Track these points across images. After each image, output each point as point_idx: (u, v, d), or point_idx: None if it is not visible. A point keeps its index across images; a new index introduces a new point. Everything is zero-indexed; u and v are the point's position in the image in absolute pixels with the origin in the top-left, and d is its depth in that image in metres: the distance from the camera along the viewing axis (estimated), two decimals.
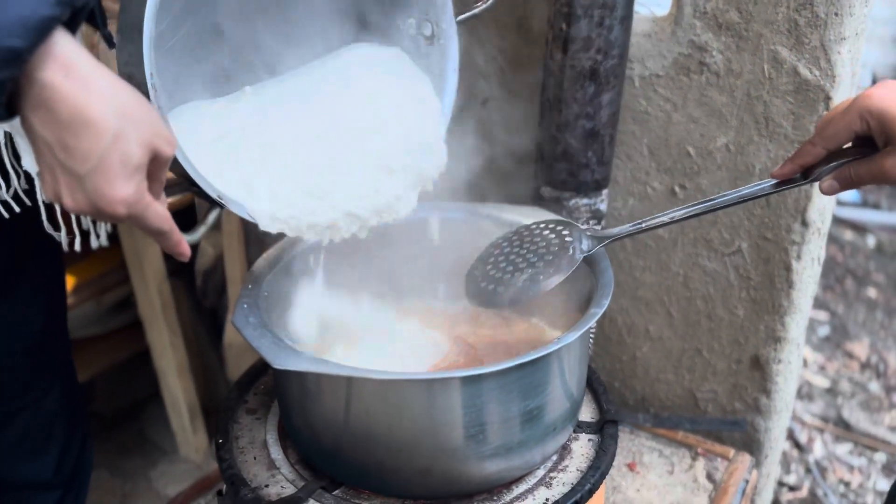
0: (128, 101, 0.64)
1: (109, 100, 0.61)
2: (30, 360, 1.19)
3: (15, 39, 0.54)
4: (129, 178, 0.64)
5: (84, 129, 0.61)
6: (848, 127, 0.79)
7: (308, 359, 0.81)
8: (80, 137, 0.61)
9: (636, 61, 1.27)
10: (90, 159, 0.62)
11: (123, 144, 0.63)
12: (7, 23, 0.54)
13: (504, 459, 0.89)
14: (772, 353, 1.34)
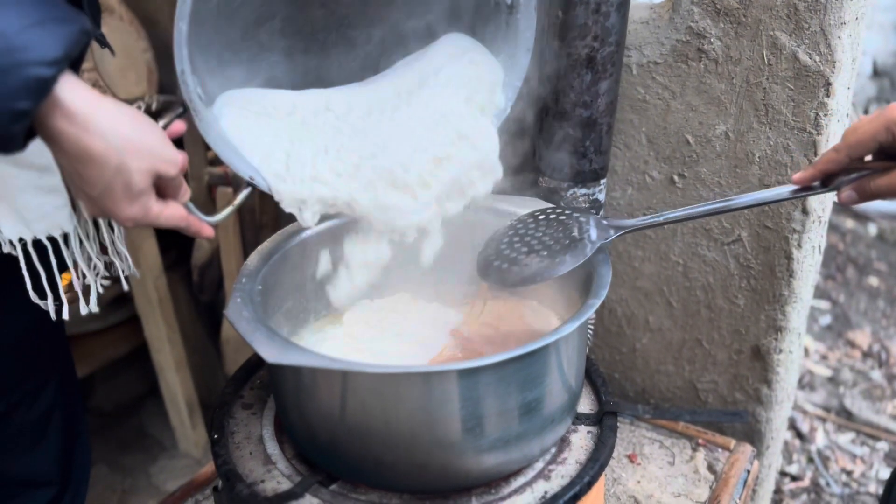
0: (129, 135, 0.72)
1: (110, 137, 0.70)
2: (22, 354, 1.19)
3: (22, 102, 0.64)
4: (132, 202, 0.76)
5: (90, 163, 0.71)
6: (873, 137, 0.79)
7: (302, 353, 0.80)
8: (87, 168, 0.71)
9: (634, 49, 1.25)
10: (98, 186, 0.73)
11: (125, 175, 0.73)
12: (14, 88, 0.64)
13: (502, 452, 0.88)
14: (772, 343, 1.32)
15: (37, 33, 0.65)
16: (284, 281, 1.07)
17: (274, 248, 1.05)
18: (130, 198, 0.75)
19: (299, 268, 1.10)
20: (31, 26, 0.65)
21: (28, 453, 1.29)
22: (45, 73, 0.65)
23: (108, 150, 0.71)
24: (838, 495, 2.05)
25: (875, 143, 0.79)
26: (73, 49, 0.68)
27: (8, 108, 0.64)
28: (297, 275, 1.10)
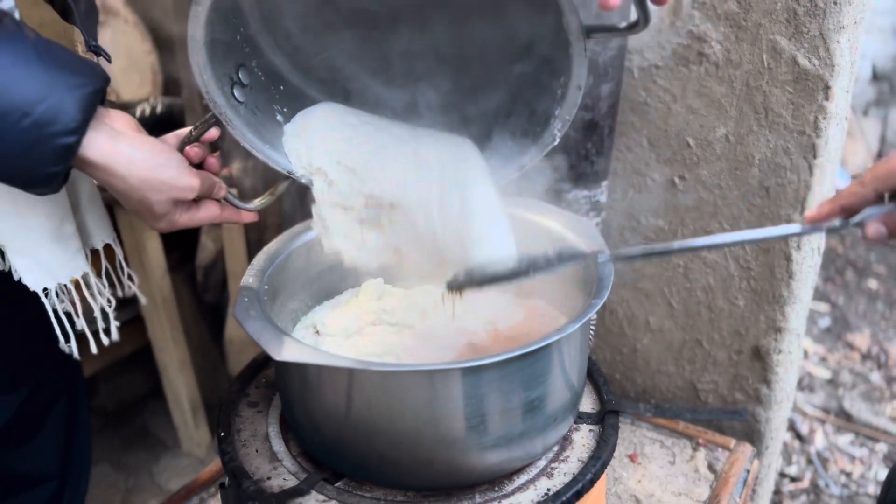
0: (145, 175, 0.83)
1: (129, 179, 0.82)
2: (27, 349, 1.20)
3: (54, 167, 0.76)
4: (157, 220, 0.89)
5: (118, 195, 0.85)
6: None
7: (309, 350, 0.81)
8: (118, 196, 0.85)
9: (635, 52, 1.27)
10: (129, 208, 0.88)
11: (146, 205, 0.86)
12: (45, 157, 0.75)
13: (505, 450, 0.89)
14: (772, 344, 1.34)
15: (58, 106, 0.73)
16: (290, 280, 1.08)
17: (280, 248, 1.07)
18: (156, 218, 0.88)
19: (305, 268, 1.11)
20: (53, 100, 0.73)
21: (30, 447, 1.30)
22: (70, 141, 0.75)
23: (129, 190, 0.83)
24: (837, 496, 2.06)
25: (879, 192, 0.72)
26: (91, 111, 0.76)
27: (43, 172, 0.76)
28: (302, 274, 1.11)
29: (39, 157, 0.74)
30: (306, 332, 1.08)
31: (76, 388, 1.37)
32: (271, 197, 1.04)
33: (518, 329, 1.08)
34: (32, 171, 0.75)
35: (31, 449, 1.30)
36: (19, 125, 0.72)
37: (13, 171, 0.76)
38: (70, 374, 1.34)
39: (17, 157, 0.74)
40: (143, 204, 0.85)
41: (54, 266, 0.99)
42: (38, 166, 0.75)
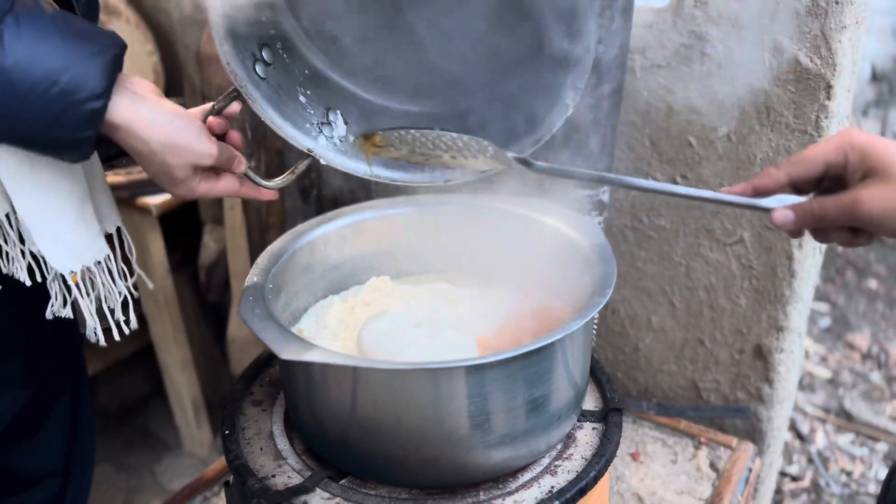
0: (165, 138, 0.87)
1: (150, 142, 0.86)
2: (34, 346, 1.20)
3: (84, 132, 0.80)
4: (176, 186, 0.92)
5: (139, 158, 0.88)
6: (822, 156, 0.71)
7: (313, 349, 0.81)
8: (139, 160, 0.89)
9: (637, 52, 1.27)
10: (150, 173, 0.91)
11: (166, 168, 0.89)
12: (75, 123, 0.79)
13: (509, 448, 0.89)
14: (774, 343, 1.34)
15: (83, 73, 0.77)
16: (294, 279, 1.09)
17: (284, 247, 1.07)
18: (175, 183, 0.92)
19: (308, 266, 1.12)
20: (77, 68, 0.77)
21: (33, 444, 1.30)
22: (97, 106, 0.79)
23: (149, 153, 0.86)
24: (838, 495, 2.07)
25: (822, 164, 0.71)
26: (113, 76, 0.80)
27: (75, 138, 0.80)
28: (306, 273, 1.12)
29: (70, 124, 0.78)
30: (310, 330, 1.08)
31: (80, 385, 1.37)
32: (292, 175, 1.06)
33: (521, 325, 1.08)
34: (65, 137, 0.80)
35: (35, 446, 1.31)
36: (48, 94, 0.76)
37: (48, 139, 0.80)
38: (74, 372, 1.35)
39: (50, 125, 0.78)
40: (163, 168, 0.88)
41: (79, 247, 0.99)
42: (69, 132, 0.79)
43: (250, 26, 0.99)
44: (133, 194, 1.72)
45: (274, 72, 1.05)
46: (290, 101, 1.06)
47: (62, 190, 0.94)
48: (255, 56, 1.02)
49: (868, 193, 0.67)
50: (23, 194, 0.91)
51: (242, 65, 0.98)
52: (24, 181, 0.91)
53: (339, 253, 1.17)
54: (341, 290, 1.18)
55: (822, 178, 0.73)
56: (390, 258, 1.22)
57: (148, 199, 1.71)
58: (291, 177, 1.06)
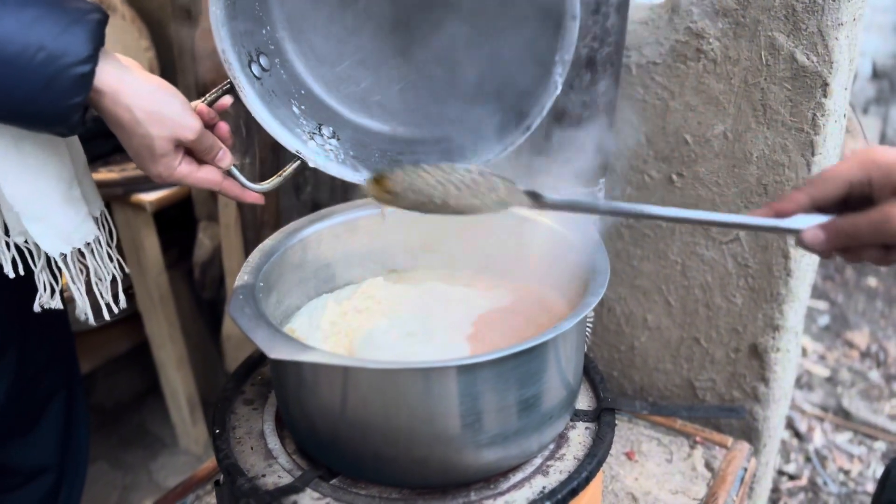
0: (149, 107, 0.86)
1: (134, 110, 0.85)
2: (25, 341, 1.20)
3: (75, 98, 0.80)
4: (155, 162, 0.90)
5: (121, 129, 0.87)
6: (845, 175, 0.69)
7: (304, 349, 0.81)
8: (121, 133, 0.88)
9: (633, 49, 1.26)
10: (130, 148, 0.90)
11: (148, 141, 0.88)
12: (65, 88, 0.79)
13: (501, 448, 0.89)
14: (770, 342, 1.33)
15: (69, 37, 0.78)
16: (286, 277, 1.08)
17: (275, 245, 1.06)
18: (154, 159, 0.90)
19: (301, 264, 1.11)
20: (62, 33, 0.78)
21: (29, 440, 1.30)
22: (85, 70, 0.80)
23: (133, 121, 0.86)
24: (835, 494, 2.06)
25: (846, 183, 0.69)
26: (99, 40, 0.81)
27: (66, 104, 0.80)
28: (298, 271, 1.11)
29: (59, 90, 0.79)
30: (302, 330, 1.08)
31: (73, 382, 1.37)
32: (280, 179, 1.05)
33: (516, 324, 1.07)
34: (54, 105, 0.80)
35: (29, 442, 1.30)
36: (35, 61, 0.77)
37: (36, 109, 0.80)
38: (68, 369, 1.35)
39: (39, 93, 0.78)
40: (145, 140, 0.87)
41: (68, 230, 0.99)
42: (59, 99, 0.79)
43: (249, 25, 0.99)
44: (128, 191, 1.71)
45: (270, 79, 1.05)
46: (282, 106, 1.06)
47: (49, 172, 0.94)
48: (251, 56, 1.02)
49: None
50: (10, 177, 0.91)
51: (238, 57, 0.98)
52: (11, 163, 0.90)
53: (332, 251, 1.16)
54: (334, 289, 1.17)
55: (845, 199, 0.70)
56: (384, 256, 1.22)
57: (142, 195, 1.71)
58: (279, 180, 1.05)
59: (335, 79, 1.12)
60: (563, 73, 0.96)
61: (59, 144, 0.94)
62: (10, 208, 0.93)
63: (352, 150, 1.11)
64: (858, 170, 0.68)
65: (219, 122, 0.99)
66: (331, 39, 1.10)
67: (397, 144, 1.14)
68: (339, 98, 1.13)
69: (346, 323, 1.06)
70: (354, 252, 1.19)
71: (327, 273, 1.17)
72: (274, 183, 1.04)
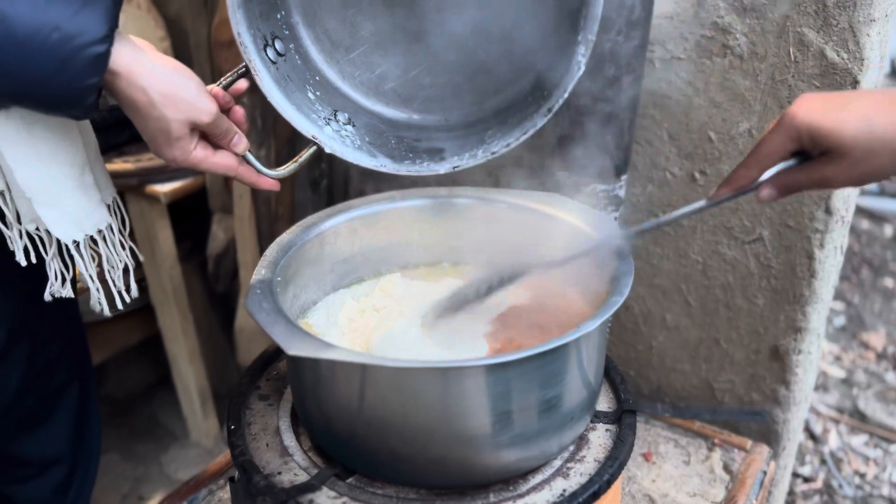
0: (165, 89, 0.84)
1: (150, 92, 0.84)
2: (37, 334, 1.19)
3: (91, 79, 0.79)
4: (171, 145, 0.89)
5: (136, 112, 0.86)
6: (782, 147, 0.79)
7: (322, 346, 0.79)
8: (136, 117, 0.86)
9: (657, 44, 1.24)
10: (145, 132, 0.88)
11: (164, 124, 0.86)
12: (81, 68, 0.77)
13: (521, 449, 0.87)
14: (792, 344, 1.31)
15: (84, 18, 0.76)
16: (303, 272, 1.07)
17: (293, 239, 1.05)
18: (170, 142, 0.88)
19: (317, 259, 1.10)
20: (77, 13, 0.76)
21: (43, 431, 1.29)
22: (101, 50, 0.78)
23: (148, 103, 0.84)
24: (851, 497, 2.04)
25: (785, 152, 0.79)
26: (114, 21, 0.80)
27: (82, 85, 0.78)
28: (315, 266, 1.09)
29: (75, 71, 0.77)
30: (319, 326, 1.06)
31: (86, 374, 1.36)
32: (295, 164, 1.03)
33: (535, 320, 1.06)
34: (70, 86, 0.78)
35: (43, 434, 1.30)
36: (49, 41, 0.75)
37: (51, 91, 0.78)
38: (81, 359, 1.34)
39: (54, 74, 0.76)
40: (161, 123, 0.86)
41: (81, 216, 0.97)
42: (74, 80, 0.78)
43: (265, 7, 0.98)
44: (142, 182, 1.70)
45: (285, 64, 1.04)
46: (297, 91, 1.05)
47: (62, 158, 0.92)
48: (266, 40, 1.00)
49: (832, 171, 0.76)
50: (22, 162, 0.89)
51: (253, 41, 0.97)
52: (23, 149, 0.89)
53: (349, 245, 1.15)
54: (351, 284, 1.16)
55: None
56: (401, 251, 1.20)
57: (157, 186, 1.70)
58: (294, 166, 1.03)
59: (350, 65, 1.10)
60: (587, 53, 0.94)
61: (72, 129, 0.93)
62: (23, 194, 0.91)
63: (367, 137, 1.09)
64: (790, 142, 0.78)
65: (234, 105, 0.97)
66: (345, 24, 1.08)
67: (413, 131, 1.13)
68: (354, 85, 1.12)
69: (363, 320, 1.04)
70: (371, 247, 1.17)
71: (344, 268, 1.15)
72: (290, 169, 1.03)
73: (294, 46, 1.06)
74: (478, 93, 1.09)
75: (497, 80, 1.08)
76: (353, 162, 1.05)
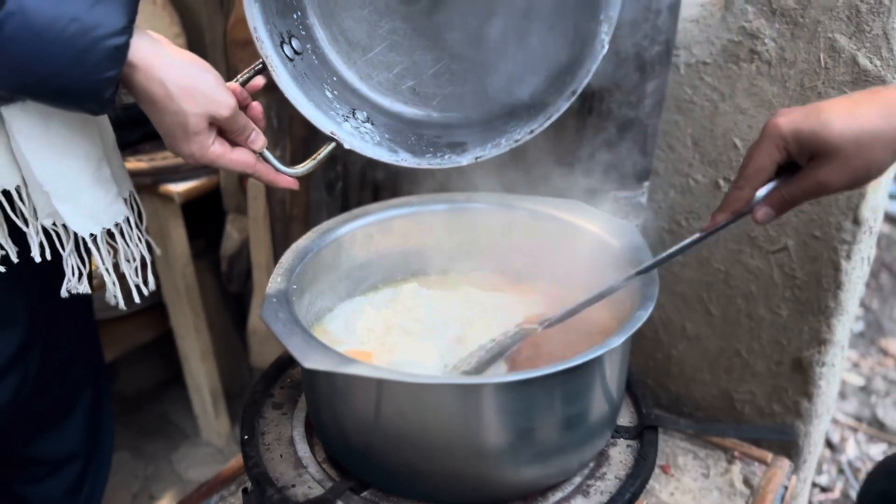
0: (184, 83, 0.82)
1: (168, 85, 0.82)
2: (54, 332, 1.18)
3: (109, 71, 0.77)
4: (188, 140, 0.86)
5: (154, 107, 0.84)
6: (770, 159, 0.78)
7: (339, 359, 0.77)
8: (153, 111, 0.84)
9: (682, 48, 1.21)
10: (163, 127, 0.86)
11: (181, 117, 0.84)
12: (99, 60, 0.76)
13: (540, 466, 0.85)
14: (815, 356, 1.28)
15: (102, 9, 0.75)
16: (319, 279, 1.05)
17: (309, 245, 1.03)
18: (188, 137, 0.86)
19: (333, 265, 1.08)
20: (95, 4, 0.75)
21: (58, 430, 1.29)
22: (119, 42, 0.76)
23: (166, 96, 0.82)
24: None
25: (773, 164, 0.79)
26: (133, 13, 0.78)
27: (99, 78, 0.77)
28: (331, 272, 1.08)
29: (92, 63, 0.76)
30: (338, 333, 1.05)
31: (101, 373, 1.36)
32: (314, 162, 1.00)
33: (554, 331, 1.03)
34: (87, 79, 0.76)
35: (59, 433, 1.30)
36: (67, 32, 0.74)
37: (68, 83, 0.77)
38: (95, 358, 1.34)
39: (72, 66, 0.75)
40: (179, 117, 0.84)
41: (98, 210, 0.96)
42: (92, 73, 0.76)
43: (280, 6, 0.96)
44: (156, 181, 1.69)
45: (301, 62, 1.02)
46: (314, 89, 1.03)
47: (78, 152, 0.91)
48: (283, 38, 0.99)
49: (824, 174, 0.76)
50: (38, 156, 0.88)
51: (270, 36, 0.95)
52: (40, 142, 0.88)
53: (366, 251, 1.13)
54: (367, 291, 1.14)
55: None
56: (417, 257, 1.18)
57: (171, 186, 1.68)
58: (313, 163, 1.00)
59: (367, 65, 1.08)
60: (610, 31, 0.91)
61: (89, 123, 0.91)
62: (40, 188, 0.90)
63: (387, 134, 1.07)
64: (777, 152, 0.78)
65: (252, 102, 0.96)
66: (362, 24, 1.07)
67: (433, 129, 1.11)
68: (372, 85, 1.10)
69: (382, 331, 1.02)
70: (388, 253, 1.16)
71: (360, 274, 1.14)
72: (308, 167, 1.00)
73: (311, 47, 1.05)
74: (498, 88, 1.06)
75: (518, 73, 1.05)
76: (372, 157, 1.03)
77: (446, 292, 1.12)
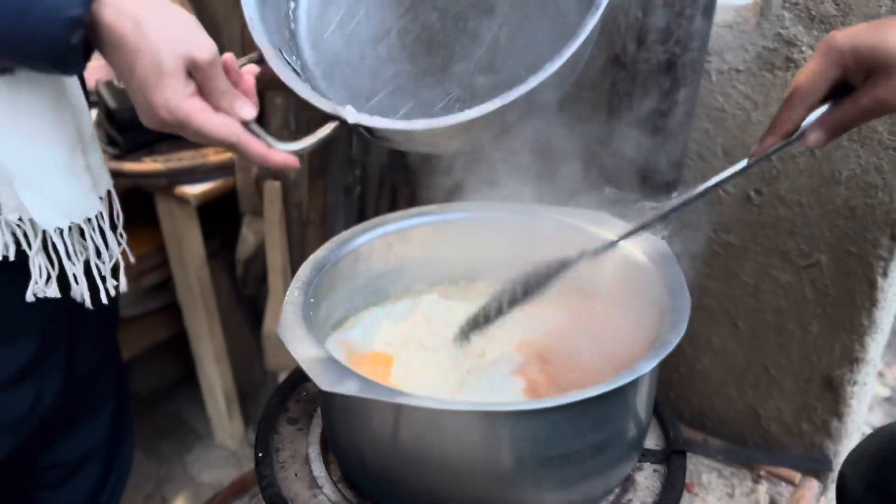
0: (161, 18, 0.73)
1: (142, 20, 0.71)
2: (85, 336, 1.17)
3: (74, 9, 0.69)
4: (162, 86, 0.73)
5: (123, 49, 0.72)
6: (825, 77, 0.74)
7: (359, 381, 0.74)
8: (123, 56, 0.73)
9: (714, 54, 1.17)
10: (133, 76, 0.73)
11: (155, 57, 0.72)
12: None
13: (563, 493, 0.82)
14: (847, 375, 1.24)
15: None
16: (336, 290, 1.02)
17: (326, 256, 1.00)
18: (160, 81, 0.73)
19: (351, 276, 1.05)
20: None
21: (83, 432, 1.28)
22: None
23: (139, 35, 0.72)
24: None
25: (828, 81, 0.75)
26: None
27: (63, 16, 0.69)
28: (349, 284, 1.05)
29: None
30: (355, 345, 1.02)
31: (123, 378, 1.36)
32: (314, 139, 0.86)
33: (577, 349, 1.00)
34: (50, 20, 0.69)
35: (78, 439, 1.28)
36: None
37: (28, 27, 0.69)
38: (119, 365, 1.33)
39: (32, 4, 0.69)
40: (152, 57, 0.72)
41: (67, 202, 0.88)
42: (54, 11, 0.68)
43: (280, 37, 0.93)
44: (172, 182, 1.67)
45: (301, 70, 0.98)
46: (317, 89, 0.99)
47: (49, 136, 0.84)
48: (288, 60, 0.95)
49: (884, 90, 0.71)
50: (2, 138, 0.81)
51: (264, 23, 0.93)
52: (3, 122, 0.81)
53: (384, 261, 1.10)
54: (385, 301, 1.12)
55: None
56: (437, 268, 1.15)
57: (187, 188, 1.66)
58: (314, 140, 0.86)
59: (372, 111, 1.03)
60: None
61: (63, 105, 0.85)
62: (4, 175, 0.83)
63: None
64: (833, 69, 0.74)
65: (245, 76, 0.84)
66: (363, 73, 1.02)
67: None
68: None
69: (399, 343, 1.00)
70: (407, 263, 1.13)
71: (378, 284, 1.11)
72: (307, 143, 0.86)
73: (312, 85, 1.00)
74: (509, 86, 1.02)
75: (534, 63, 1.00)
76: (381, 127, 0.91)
77: (467, 303, 1.09)
